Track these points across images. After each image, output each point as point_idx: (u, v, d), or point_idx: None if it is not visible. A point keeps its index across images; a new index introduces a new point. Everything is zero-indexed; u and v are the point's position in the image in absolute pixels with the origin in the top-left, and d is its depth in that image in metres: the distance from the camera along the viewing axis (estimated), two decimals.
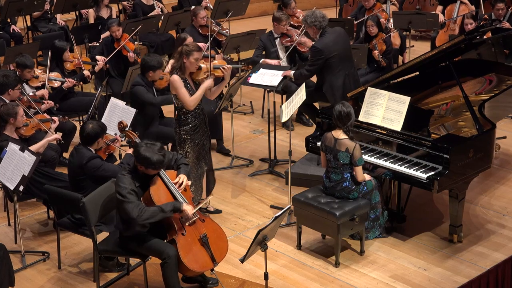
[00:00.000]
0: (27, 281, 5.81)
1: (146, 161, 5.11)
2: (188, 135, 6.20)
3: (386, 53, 8.78)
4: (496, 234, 6.25)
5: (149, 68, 7.10)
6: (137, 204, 5.07)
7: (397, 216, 6.36)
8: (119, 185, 5.13)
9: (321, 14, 7.11)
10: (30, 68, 7.60)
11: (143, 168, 5.17)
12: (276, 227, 5.12)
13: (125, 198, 5.07)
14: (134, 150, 5.26)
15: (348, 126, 5.82)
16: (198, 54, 6.06)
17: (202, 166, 6.35)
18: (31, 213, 6.80)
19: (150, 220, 5.09)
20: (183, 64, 6.07)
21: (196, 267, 5.22)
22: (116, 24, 8.87)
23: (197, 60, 6.08)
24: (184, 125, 6.19)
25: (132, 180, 5.16)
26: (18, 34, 10.15)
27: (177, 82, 6.04)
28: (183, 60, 6.06)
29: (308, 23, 7.11)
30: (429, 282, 5.62)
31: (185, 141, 6.22)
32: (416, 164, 5.88)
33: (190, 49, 6.04)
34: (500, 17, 9.26)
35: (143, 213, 5.05)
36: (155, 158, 5.10)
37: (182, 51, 6.06)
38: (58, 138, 6.57)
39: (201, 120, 6.26)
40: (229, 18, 9.90)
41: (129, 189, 5.10)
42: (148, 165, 5.13)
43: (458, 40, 6.29)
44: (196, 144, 6.25)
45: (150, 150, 5.12)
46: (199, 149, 6.28)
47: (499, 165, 7.44)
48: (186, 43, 6.14)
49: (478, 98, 6.65)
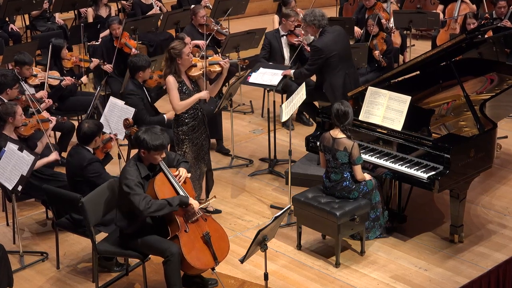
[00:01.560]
0: (26, 281, 5.80)
1: (145, 143, 5.12)
2: (186, 135, 6.18)
3: (386, 53, 8.76)
4: (497, 234, 6.23)
5: (138, 68, 7.07)
6: (144, 197, 5.07)
7: (397, 216, 6.35)
8: (126, 177, 5.13)
9: (320, 12, 7.09)
10: (29, 65, 7.59)
11: (146, 153, 5.17)
12: (276, 227, 5.11)
13: (132, 190, 5.07)
14: (134, 136, 5.28)
15: (345, 125, 5.80)
16: (186, 49, 6.03)
17: (201, 167, 6.33)
18: (30, 213, 6.78)
19: (157, 213, 5.09)
20: (177, 66, 6.02)
21: (199, 265, 5.21)
22: (117, 22, 8.85)
23: (189, 54, 6.04)
24: (182, 125, 6.17)
25: (138, 172, 5.17)
26: (17, 33, 10.13)
27: (171, 83, 6.02)
28: (177, 62, 6.01)
29: (307, 21, 7.08)
30: (430, 283, 5.60)
31: (183, 141, 6.19)
32: (417, 164, 5.87)
33: (179, 49, 5.98)
34: (501, 15, 9.23)
35: (150, 205, 5.04)
36: (155, 139, 5.13)
37: (172, 56, 5.99)
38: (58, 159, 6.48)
39: (200, 121, 6.24)
40: (229, 17, 9.87)
41: (136, 181, 5.11)
42: (148, 147, 5.13)
43: (459, 39, 6.28)
44: (195, 144, 6.22)
45: (150, 133, 5.17)
46: (198, 149, 6.26)
47: (500, 165, 7.42)
48: (171, 46, 6.07)
49: (479, 98, 6.63)
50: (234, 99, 7.83)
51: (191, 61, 6.11)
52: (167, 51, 6.06)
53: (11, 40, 9.97)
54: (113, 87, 8.64)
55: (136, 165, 5.21)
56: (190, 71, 6.14)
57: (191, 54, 6.12)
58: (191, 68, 6.14)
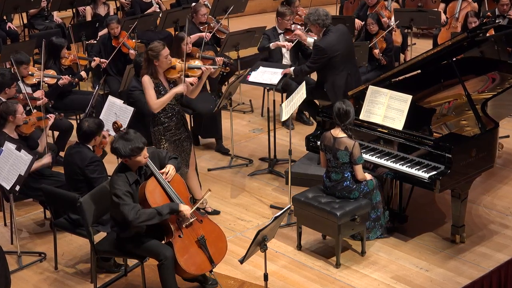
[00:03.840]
0: (24, 282, 5.77)
1: (119, 151, 5.04)
2: (162, 135, 6.13)
3: (386, 51, 8.74)
4: (499, 234, 6.21)
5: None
6: (133, 206, 4.99)
7: (398, 216, 6.32)
8: (113, 187, 5.05)
9: (324, 12, 7.04)
10: (26, 64, 7.58)
11: (127, 160, 5.09)
12: (276, 227, 5.09)
13: (121, 200, 5.00)
14: (111, 147, 5.18)
15: (346, 124, 5.78)
16: (165, 51, 5.95)
17: (181, 168, 6.25)
18: (28, 213, 6.77)
19: (147, 223, 5.03)
20: (154, 68, 5.95)
21: (193, 270, 5.17)
22: (115, 21, 8.81)
23: (167, 56, 5.97)
24: (158, 124, 6.12)
25: (126, 179, 5.08)
26: (14, 31, 10.09)
27: (146, 82, 5.97)
28: (154, 64, 5.94)
29: (311, 21, 7.04)
30: (431, 283, 5.58)
31: (160, 141, 6.15)
32: (418, 163, 5.84)
33: (156, 51, 5.91)
34: (504, 12, 9.21)
35: (139, 215, 4.98)
36: (126, 145, 5.01)
37: (149, 58, 5.93)
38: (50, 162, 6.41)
39: (177, 121, 6.17)
40: (229, 16, 9.85)
41: (124, 190, 5.02)
42: (123, 155, 5.03)
43: (460, 38, 6.25)
44: (172, 142, 6.16)
45: (120, 140, 5.06)
46: (177, 150, 6.17)
47: (502, 165, 7.41)
48: (150, 48, 5.99)
49: (480, 97, 6.61)
50: (233, 98, 7.80)
51: (170, 63, 6.02)
52: (145, 52, 6.03)
53: (9, 38, 9.93)
54: (111, 86, 8.62)
55: (124, 172, 5.12)
56: (168, 73, 6.07)
57: (170, 56, 6.02)
58: (169, 70, 6.05)
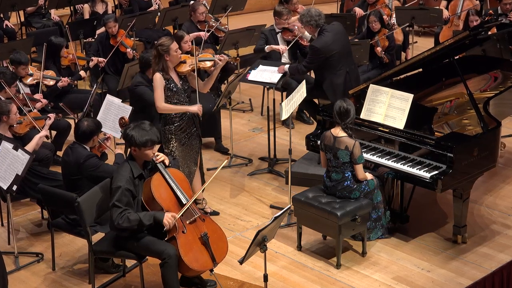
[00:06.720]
0: (21, 283, 5.75)
1: (133, 139, 5.08)
2: (173, 134, 6.13)
3: (389, 49, 8.71)
4: (501, 235, 6.19)
5: (149, 65, 6.97)
6: (123, 209, 5.00)
7: (399, 216, 6.30)
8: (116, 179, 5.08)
9: (316, 12, 7.03)
10: (24, 65, 7.59)
11: (137, 150, 5.11)
12: (275, 227, 5.07)
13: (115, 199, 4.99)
14: (123, 133, 5.24)
15: (347, 123, 5.76)
16: (174, 45, 5.98)
17: (190, 166, 6.27)
18: (25, 213, 6.74)
19: (128, 228, 5.04)
20: (165, 63, 5.97)
21: (196, 266, 5.15)
22: (113, 20, 8.78)
23: (177, 50, 5.99)
24: (170, 123, 6.13)
25: (130, 171, 5.11)
26: (12, 29, 10.05)
27: (157, 81, 5.98)
28: (165, 58, 5.95)
29: (304, 22, 7.06)
30: (432, 284, 5.56)
31: (169, 140, 6.15)
32: (419, 163, 5.82)
33: (166, 45, 5.93)
34: (507, 11, 9.17)
35: (123, 220, 4.99)
36: (143, 135, 5.08)
37: (159, 53, 5.94)
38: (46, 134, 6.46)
39: (188, 121, 6.18)
40: (228, 14, 9.81)
41: (123, 188, 5.02)
42: (137, 143, 5.08)
43: (462, 36, 6.23)
44: (182, 144, 6.17)
45: (137, 129, 5.12)
46: (186, 149, 6.20)
47: (504, 164, 7.39)
48: (159, 43, 6.00)
49: (482, 96, 6.60)
50: (233, 97, 7.80)
51: (180, 58, 6.05)
52: (154, 48, 6.04)
53: (6, 37, 9.89)
54: (109, 84, 8.59)
55: (129, 164, 5.15)
56: (179, 67, 6.09)
57: (180, 50, 6.06)
58: (180, 64, 6.09)
